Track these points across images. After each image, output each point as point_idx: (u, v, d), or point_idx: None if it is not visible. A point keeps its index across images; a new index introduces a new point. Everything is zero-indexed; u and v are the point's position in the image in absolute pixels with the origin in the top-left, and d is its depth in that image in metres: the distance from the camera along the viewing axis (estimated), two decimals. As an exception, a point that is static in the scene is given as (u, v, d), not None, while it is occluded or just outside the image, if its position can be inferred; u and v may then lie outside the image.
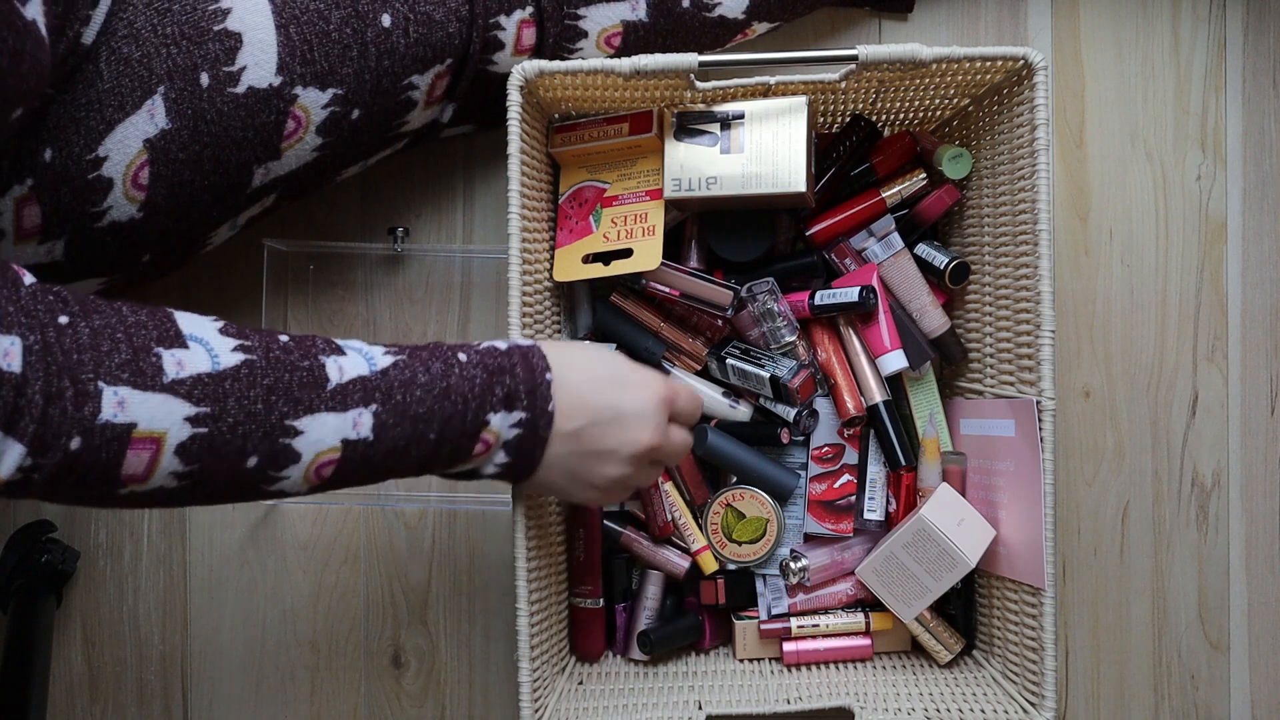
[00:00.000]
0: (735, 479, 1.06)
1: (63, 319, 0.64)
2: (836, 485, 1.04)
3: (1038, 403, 0.91)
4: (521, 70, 0.92)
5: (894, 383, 1.05)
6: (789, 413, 1.03)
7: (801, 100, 0.97)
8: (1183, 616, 1.14)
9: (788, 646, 1.05)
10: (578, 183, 1.06)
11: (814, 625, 1.05)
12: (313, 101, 0.91)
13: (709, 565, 1.05)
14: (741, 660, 1.07)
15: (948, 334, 1.05)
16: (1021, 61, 0.91)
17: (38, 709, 1.02)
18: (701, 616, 1.07)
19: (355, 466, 0.75)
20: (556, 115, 1.05)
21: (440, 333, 1.16)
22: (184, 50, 0.86)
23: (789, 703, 0.96)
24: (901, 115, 1.08)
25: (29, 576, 1.10)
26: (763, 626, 1.06)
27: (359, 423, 0.73)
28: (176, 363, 0.66)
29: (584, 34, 1.01)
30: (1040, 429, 0.91)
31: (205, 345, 0.68)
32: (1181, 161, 1.15)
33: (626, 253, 1.03)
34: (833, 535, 1.05)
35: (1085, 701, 1.14)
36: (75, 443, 0.62)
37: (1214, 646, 1.14)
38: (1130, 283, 1.14)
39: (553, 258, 1.05)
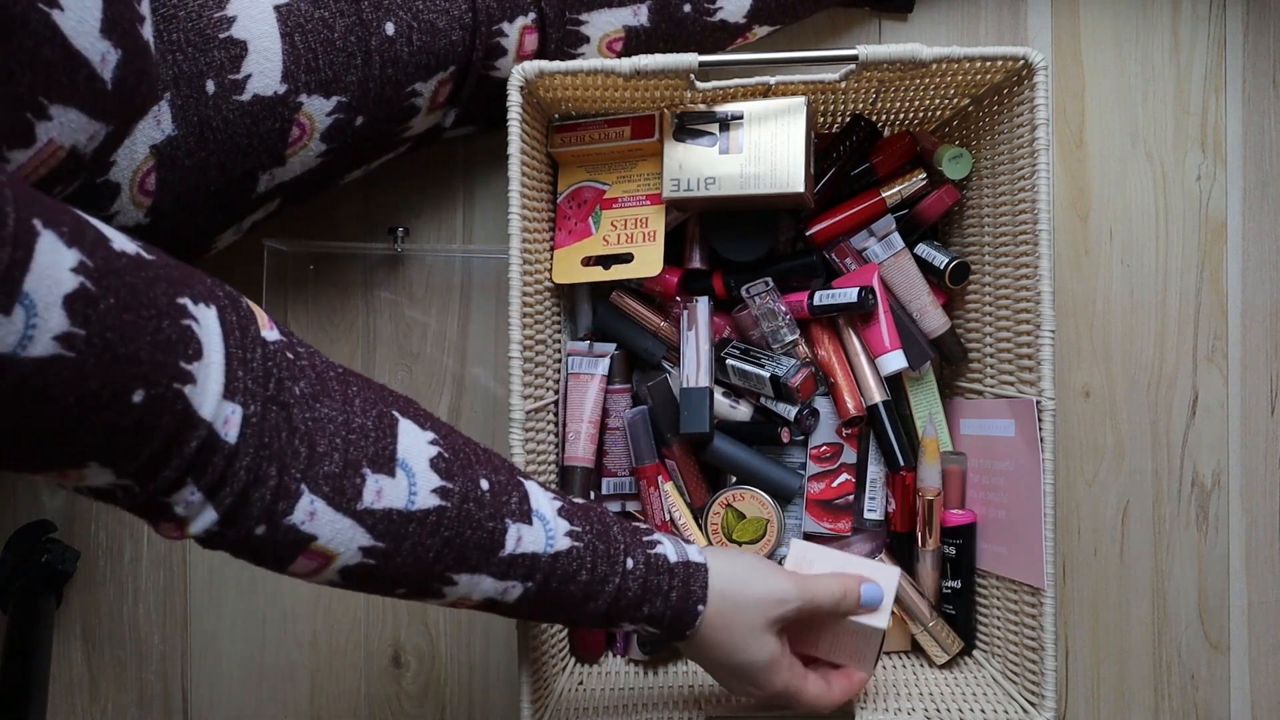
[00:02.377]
0: (735, 480, 1.06)
1: (299, 388, 0.64)
2: (835, 484, 1.04)
3: (1038, 403, 0.91)
4: (522, 70, 0.92)
5: (894, 383, 1.05)
6: (789, 411, 1.03)
7: (800, 100, 0.97)
8: (1183, 616, 1.14)
9: None
10: (576, 182, 1.06)
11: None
12: (317, 109, 0.91)
13: None
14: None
15: (947, 334, 1.05)
16: (1021, 61, 0.91)
17: (38, 709, 1.02)
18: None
19: (486, 610, 0.77)
20: (556, 115, 1.05)
21: (440, 332, 1.16)
22: (189, 58, 0.86)
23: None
24: (901, 115, 1.08)
25: (29, 576, 1.10)
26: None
27: (509, 591, 0.74)
28: (376, 491, 0.67)
29: (586, 39, 1.01)
30: (1040, 429, 0.91)
31: (410, 477, 0.68)
32: (1181, 161, 1.15)
33: (626, 257, 1.03)
34: (831, 534, 1.04)
35: (1085, 701, 1.14)
36: (260, 529, 0.63)
37: (1214, 646, 1.14)
38: (1130, 283, 1.14)
39: (552, 258, 1.05)
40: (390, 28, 0.92)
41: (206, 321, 0.60)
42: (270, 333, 0.65)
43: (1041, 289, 0.91)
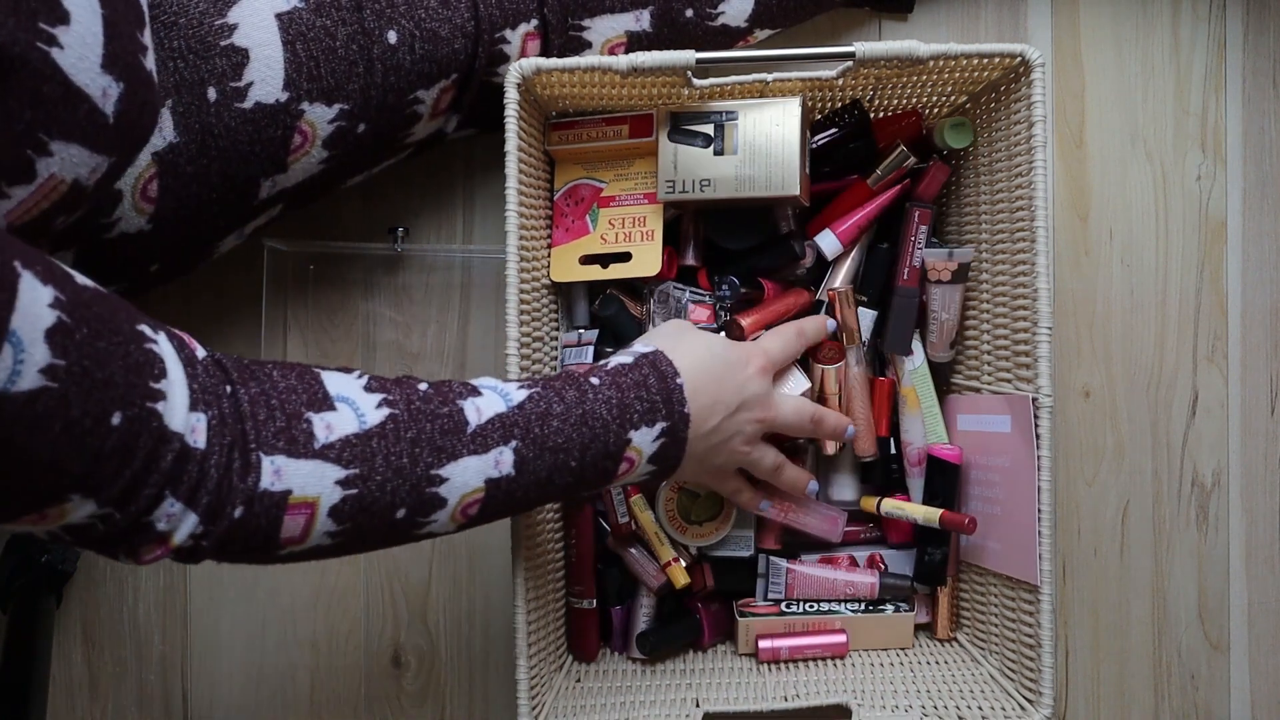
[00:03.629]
0: None
1: (226, 388, 0.67)
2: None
3: (1034, 399, 0.91)
4: (519, 68, 0.92)
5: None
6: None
7: (795, 100, 0.97)
8: (1183, 616, 1.14)
9: (763, 644, 1.05)
10: (573, 179, 1.06)
11: (807, 614, 1.05)
12: (319, 117, 0.92)
13: (679, 578, 1.03)
14: (741, 655, 1.06)
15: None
16: (1019, 58, 0.91)
17: (38, 709, 1.02)
18: (699, 615, 1.07)
19: (500, 502, 0.77)
20: (554, 113, 1.06)
21: (440, 332, 1.16)
22: (191, 65, 0.86)
23: (786, 700, 0.96)
24: (899, 111, 1.07)
25: (29, 576, 1.10)
26: (760, 642, 1.05)
27: (500, 461, 0.75)
28: (326, 426, 0.69)
29: (588, 45, 1.01)
30: (1036, 425, 0.91)
31: (352, 405, 0.70)
32: (1181, 161, 1.15)
33: (625, 256, 1.03)
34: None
35: (1085, 701, 1.14)
36: (238, 511, 0.65)
37: (1214, 646, 1.14)
38: (1130, 283, 1.14)
39: (550, 257, 1.05)
40: (393, 36, 0.92)
41: (163, 343, 0.64)
42: (200, 350, 0.68)
43: (1039, 286, 0.91)
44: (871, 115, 1.06)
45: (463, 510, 0.75)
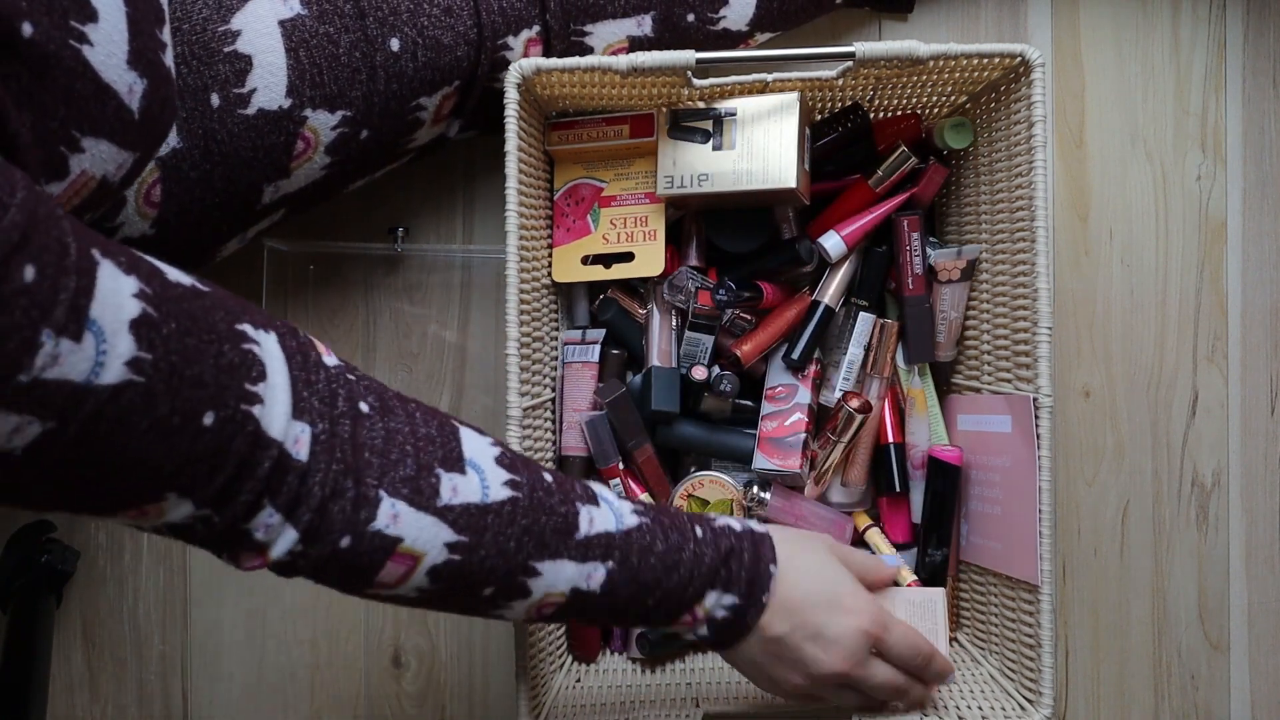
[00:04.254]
0: (694, 468, 1.07)
1: (363, 406, 0.66)
2: (787, 423, 1.04)
3: (1034, 399, 0.91)
4: (519, 68, 0.92)
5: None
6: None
7: (793, 97, 0.97)
8: (1183, 616, 1.14)
9: None
10: (573, 179, 1.06)
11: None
12: (322, 123, 0.92)
13: None
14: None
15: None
16: (1019, 58, 0.91)
17: (38, 709, 1.02)
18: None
19: (573, 611, 0.76)
20: (554, 112, 1.06)
21: (440, 333, 1.16)
22: (194, 70, 0.87)
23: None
24: (899, 113, 1.07)
25: (29, 576, 1.10)
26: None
27: (593, 576, 0.74)
28: (452, 488, 0.68)
29: (590, 51, 1.01)
30: (1037, 425, 0.91)
31: (480, 474, 0.70)
32: (1181, 161, 1.15)
33: (627, 256, 1.03)
34: (781, 471, 1.03)
35: (1085, 701, 1.14)
36: (345, 541, 0.64)
37: (1214, 646, 1.14)
38: (1130, 283, 1.14)
39: (551, 257, 1.05)
40: (395, 43, 0.92)
41: (268, 345, 0.62)
42: (329, 358, 0.67)
43: (1039, 286, 0.91)
44: (871, 116, 1.06)
45: (539, 607, 0.74)
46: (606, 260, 1.04)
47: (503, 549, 0.70)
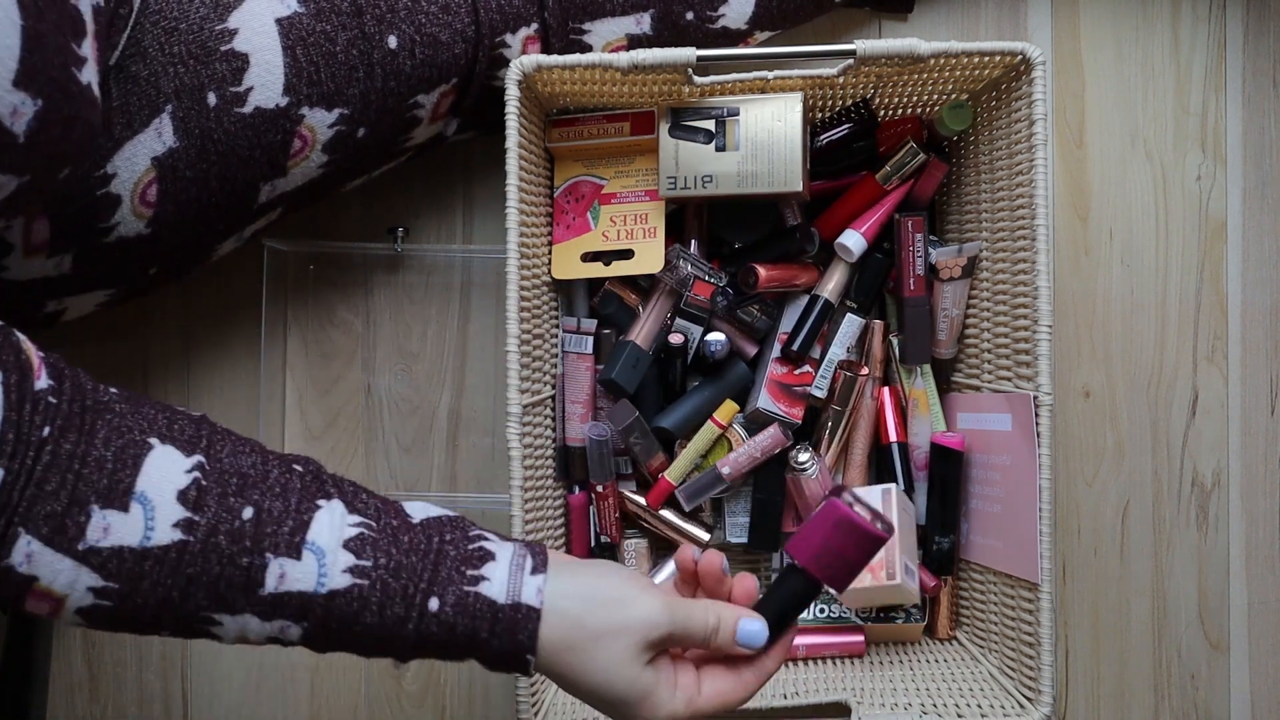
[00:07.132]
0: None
1: (44, 432, 0.62)
2: (797, 372, 1.04)
3: (1034, 397, 0.91)
4: (520, 65, 0.92)
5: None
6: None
7: (796, 96, 0.97)
8: (1183, 616, 1.14)
9: None
10: (573, 176, 1.06)
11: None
12: (319, 121, 0.92)
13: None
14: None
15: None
16: (1019, 56, 0.91)
17: (38, 709, 1.02)
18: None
19: (317, 645, 0.70)
20: (554, 110, 1.06)
21: (440, 332, 1.16)
22: (191, 70, 0.87)
23: (785, 698, 0.96)
24: (899, 112, 1.08)
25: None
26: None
27: (285, 630, 0.68)
28: (103, 528, 0.63)
29: (589, 49, 1.01)
30: (1037, 424, 0.91)
31: (147, 512, 0.64)
32: (1181, 161, 1.15)
33: (627, 253, 1.03)
34: (785, 418, 1.03)
35: (1085, 701, 1.14)
36: None
37: (1214, 646, 1.14)
38: (1130, 283, 1.14)
39: (551, 254, 1.05)
40: (393, 41, 0.92)
41: None
42: (40, 381, 0.63)
43: (1039, 284, 0.91)
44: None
45: (241, 643, 0.69)
46: (606, 257, 1.04)
47: (164, 598, 0.65)
